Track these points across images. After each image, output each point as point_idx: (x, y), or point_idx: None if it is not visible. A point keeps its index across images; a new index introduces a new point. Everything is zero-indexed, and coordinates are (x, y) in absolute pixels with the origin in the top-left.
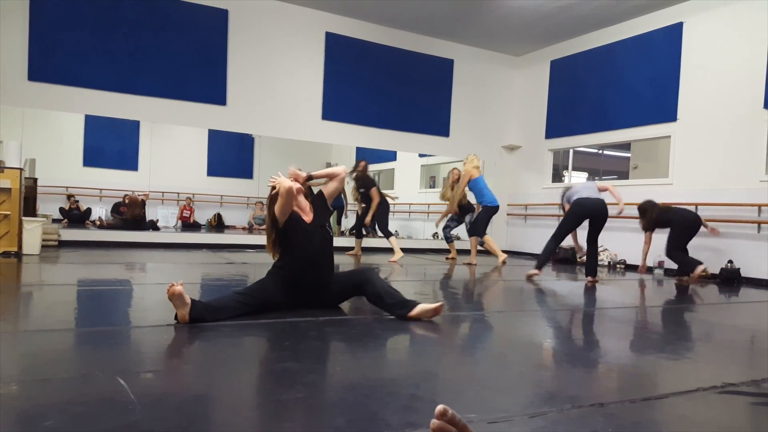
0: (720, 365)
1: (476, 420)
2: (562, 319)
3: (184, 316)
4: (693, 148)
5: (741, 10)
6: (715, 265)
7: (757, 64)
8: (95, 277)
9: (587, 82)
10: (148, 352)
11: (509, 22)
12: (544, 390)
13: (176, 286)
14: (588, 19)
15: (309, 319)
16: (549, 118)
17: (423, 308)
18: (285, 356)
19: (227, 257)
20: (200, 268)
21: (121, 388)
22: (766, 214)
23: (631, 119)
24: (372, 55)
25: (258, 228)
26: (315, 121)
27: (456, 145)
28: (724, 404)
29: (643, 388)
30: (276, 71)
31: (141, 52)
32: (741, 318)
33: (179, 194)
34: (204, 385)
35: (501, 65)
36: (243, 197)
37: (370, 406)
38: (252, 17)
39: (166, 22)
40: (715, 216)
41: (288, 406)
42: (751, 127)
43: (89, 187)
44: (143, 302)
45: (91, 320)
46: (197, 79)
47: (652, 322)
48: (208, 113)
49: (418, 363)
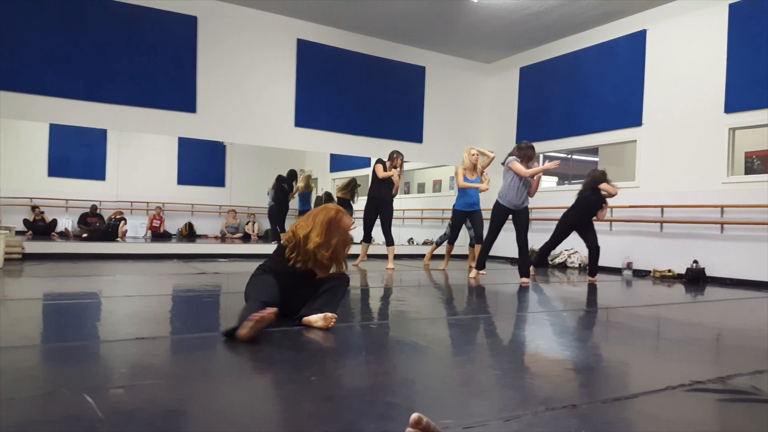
0: (688, 363)
1: (452, 426)
2: (534, 322)
3: (248, 334)
4: (658, 152)
5: (701, 19)
6: (681, 266)
7: (718, 71)
8: (61, 291)
9: (556, 89)
10: (116, 368)
11: (479, 30)
12: (518, 393)
13: (270, 313)
14: (555, 26)
15: (283, 328)
16: (519, 124)
17: (310, 320)
18: (259, 367)
19: (199, 267)
20: (171, 279)
21: (89, 405)
22: (728, 215)
23: (599, 124)
24: (344, 62)
25: (230, 237)
26: (288, 128)
27: (429, 152)
28: (692, 402)
29: (614, 388)
30: (247, 78)
31: (108, 59)
32: (707, 316)
33: (148, 203)
34: (176, 400)
35: (472, 72)
36: (215, 206)
37: (346, 416)
38: (222, 24)
39: (134, 28)
40: (680, 217)
41: (263, 418)
42: (713, 131)
43: (54, 197)
44: (112, 316)
45: (57, 335)
46: (166, 86)
47: (621, 323)
48: (177, 121)
49: (394, 370)
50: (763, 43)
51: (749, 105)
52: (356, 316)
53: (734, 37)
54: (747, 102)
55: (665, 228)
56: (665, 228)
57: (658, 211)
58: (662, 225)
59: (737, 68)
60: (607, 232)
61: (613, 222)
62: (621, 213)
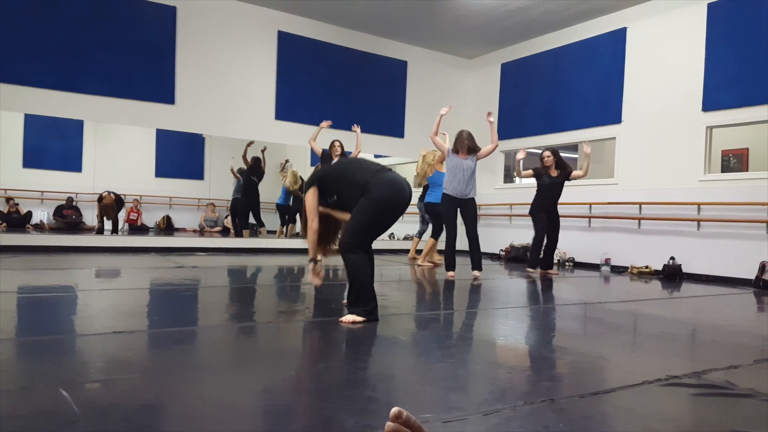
0: (664, 358)
1: (432, 420)
2: (514, 317)
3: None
4: (637, 149)
5: (681, 17)
6: (658, 262)
7: (696, 69)
8: (37, 284)
9: (536, 85)
10: (93, 362)
11: (461, 25)
12: (497, 387)
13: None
14: (536, 23)
15: (262, 323)
16: (500, 120)
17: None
18: (238, 362)
19: (177, 261)
20: (148, 273)
21: (64, 400)
22: (705, 213)
23: (579, 121)
24: (326, 55)
25: (209, 230)
26: (268, 121)
27: (411, 146)
28: (668, 396)
29: (592, 382)
30: (227, 70)
31: (84, 49)
32: (683, 312)
33: (126, 196)
34: (153, 394)
35: (454, 67)
36: (193, 199)
37: (326, 410)
38: (201, 15)
39: (111, 18)
40: (658, 214)
41: (242, 413)
42: (691, 129)
43: (29, 189)
44: (88, 309)
45: (32, 329)
46: (144, 77)
47: (599, 318)
48: (155, 112)
49: (373, 364)
50: (740, 43)
51: (726, 104)
52: (336, 312)
53: (712, 36)
54: (724, 101)
55: (643, 225)
56: (643, 225)
57: (636, 208)
58: (640, 222)
59: (715, 67)
60: (585, 229)
61: (592, 218)
62: (600, 209)
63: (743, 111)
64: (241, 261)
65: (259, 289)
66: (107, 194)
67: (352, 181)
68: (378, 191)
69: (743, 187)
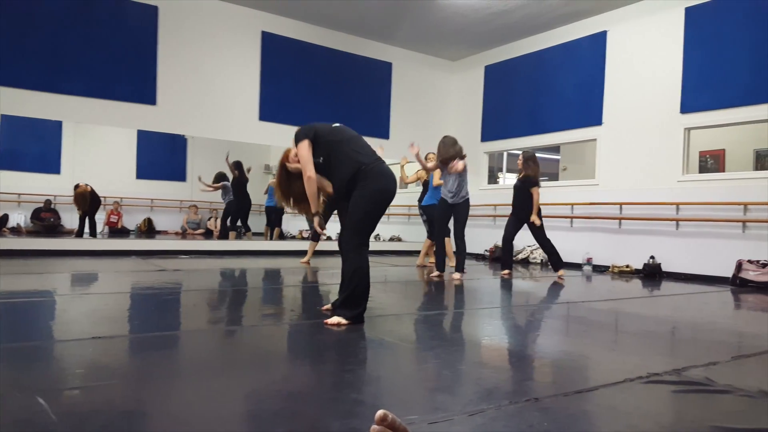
0: (645, 356)
1: (417, 421)
2: (498, 317)
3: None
4: (617, 151)
5: (659, 21)
6: (638, 261)
7: (674, 72)
8: (13, 289)
9: (519, 87)
10: (71, 368)
11: (445, 28)
12: (482, 387)
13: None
14: (519, 26)
15: (246, 326)
16: (484, 122)
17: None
18: (221, 366)
19: (159, 264)
20: (129, 277)
21: (41, 408)
22: (683, 213)
23: (561, 123)
24: (311, 56)
25: (192, 233)
26: (252, 122)
27: (396, 148)
28: (649, 393)
29: (575, 381)
30: (210, 70)
31: (64, 49)
32: (663, 310)
33: (106, 198)
34: (133, 401)
35: (438, 69)
36: (175, 201)
37: (312, 414)
38: (183, 15)
39: (92, 17)
40: (638, 214)
41: (225, 418)
42: (670, 130)
43: (6, 191)
44: (67, 314)
45: (7, 335)
46: (125, 77)
47: (582, 317)
48: (136, 113)
49: (359, 367)
50: (717, 46)
51: (704, 106)
52: (322, 314)
53: (690, 39)
54: (702, 103)
55: (623, 225)
56: (623, 225)
57: (617, 209)
58: (621, 222)
59: (692, 70)
60: (567, 229)
61: (574, 219)
62: (581, 210)
63: (720, 113)
64: (225, 264)
65: (243, 292)
66: (84, 185)
67: (349, 154)
68: (378, 182)
69: (720, 187)
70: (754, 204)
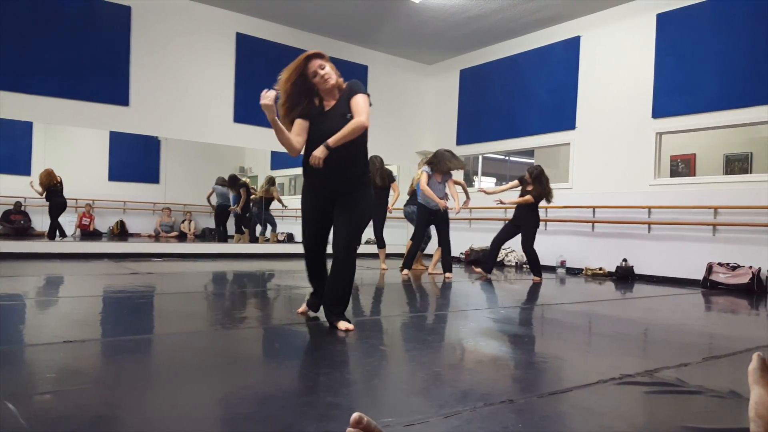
0: (618, 358)
1: (393, 424)
2: (473, 319)
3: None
4: (590, 155)
5: (631, 27)
6: (611, 264)
7: (646, 77)
8: None
9: (494, 91)
10: (42, 373)
11: (421, 31)
12: (457, 389)
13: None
14: (494, 30)
15: (219, 329)
16: (459, 125)
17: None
18: (195, 370)
19: (131, 267)
20: (101, 280)
21: (10, 413)
22: (655, 216)
23: (535, 127)
24: (286, 58)
25: (165, 235)
26: (227, 124)
27: (372, 151)
28: (622, 394)
29: (550, 383)
30: (184, 72)
31: (34, 48)
32: (635, 312)
33: (77, 200)
34: (105, 405)
35: (414, 73)
36: (149, 203)
37: (286, 418)
38: (157, 15)
39: (63, 16)
40: (611, 218)
41: (198, 422)
42: (642, 135)
43: None
44: (37, 318)
45: None
46: (97, 78)
47: (556, 319)
48: (109, 114)
49: (335, 369)
50: (687, 52)
51: (674, 111)
52: (295, 317)
53: (661, 45)
54: (672, 108)
55: (597, 228)
56: (597, 228)
57: (590, 212)
58: (594, 225)
59: (664, 75)
60: (542, 232)
61: (548, 222)
62: (555, 213)
63: (690, 118)
64: (199, 267)
65: (217, 296)
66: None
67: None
68: (372, 195)
69: (691, 191)
70: (724, 207)
